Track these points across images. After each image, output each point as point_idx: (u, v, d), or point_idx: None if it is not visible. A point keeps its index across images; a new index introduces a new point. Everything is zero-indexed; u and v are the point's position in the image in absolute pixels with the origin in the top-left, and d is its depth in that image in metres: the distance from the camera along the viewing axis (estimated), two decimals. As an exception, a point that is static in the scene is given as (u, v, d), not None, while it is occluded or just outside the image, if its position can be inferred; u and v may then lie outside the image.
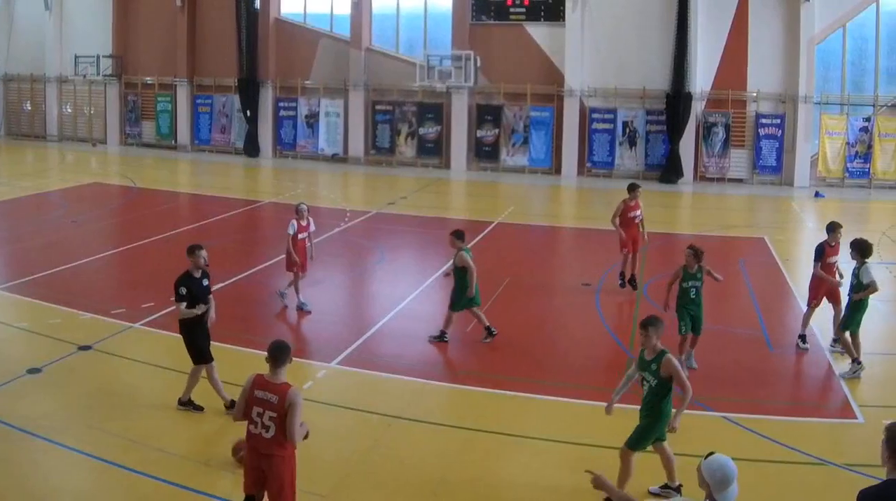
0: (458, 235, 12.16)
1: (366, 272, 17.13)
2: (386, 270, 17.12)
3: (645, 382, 7.81)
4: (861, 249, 11.29)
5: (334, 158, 31.63)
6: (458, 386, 10.67)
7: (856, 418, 9.94)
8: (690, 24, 28.93)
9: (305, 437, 6.50)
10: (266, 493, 6.53)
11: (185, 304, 9.20)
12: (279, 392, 6.34)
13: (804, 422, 9.83)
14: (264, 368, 6.59)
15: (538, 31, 30.24)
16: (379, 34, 31.42)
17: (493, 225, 21.31)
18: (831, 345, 12.30)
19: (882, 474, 7.71)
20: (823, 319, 12.62)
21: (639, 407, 7.90)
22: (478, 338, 12.27)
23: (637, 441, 7.71)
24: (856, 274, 11.35)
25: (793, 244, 21.07)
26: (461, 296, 11.93)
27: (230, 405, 9.12)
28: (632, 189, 15.36)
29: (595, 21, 29.78)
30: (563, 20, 29.71)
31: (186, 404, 9.45)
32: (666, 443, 7.90)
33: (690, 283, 11.54)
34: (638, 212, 15.39)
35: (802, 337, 12.35)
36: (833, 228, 12.35)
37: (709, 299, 16.22)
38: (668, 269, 17.62)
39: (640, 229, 15.54)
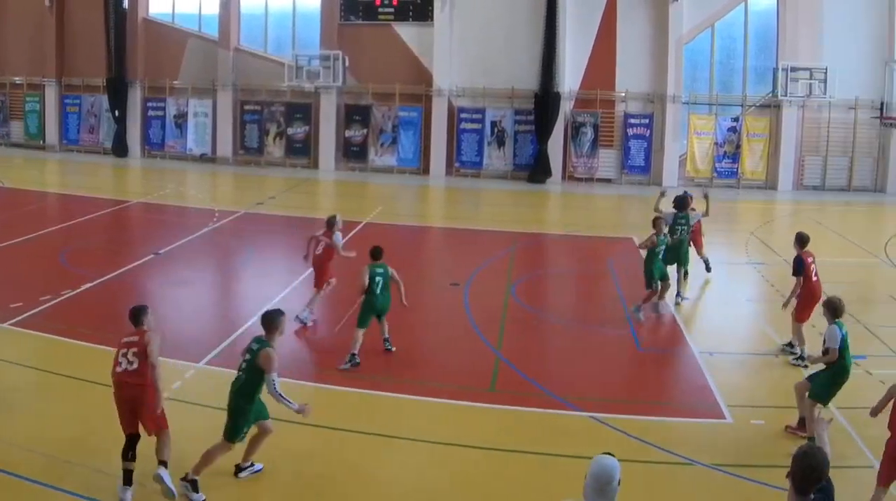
0: (373, 253, 11.42)
1: (234, 272, 17.09)
2: (254, 270, 17.00)
3: None
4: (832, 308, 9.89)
5: (203, 158, 31.20)
6: (328, 386, 10.55)
7: (724, 418, 9.85)
8: (559, 24, 28.89)
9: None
10: (141, 423, 7.63)
11: None
12: (140, 334, 7.87)
13: (672, 422, 9.76)
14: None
15: (407, 31, 30.05)
16: (247, 34, 31.10)
17: (361, 225, 21.07)
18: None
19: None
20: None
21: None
22: (346, 339, 11.99)
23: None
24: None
25: None
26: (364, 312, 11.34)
27: None
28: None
29: (463, 21, 29.64)
30: (432, 20, 29.57)
31: None
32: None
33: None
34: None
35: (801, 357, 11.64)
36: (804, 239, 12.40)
37: (577, 298, 16.37)
38: (536, 270, 18.32)
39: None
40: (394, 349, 11.57)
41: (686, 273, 14.88)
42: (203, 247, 18.13)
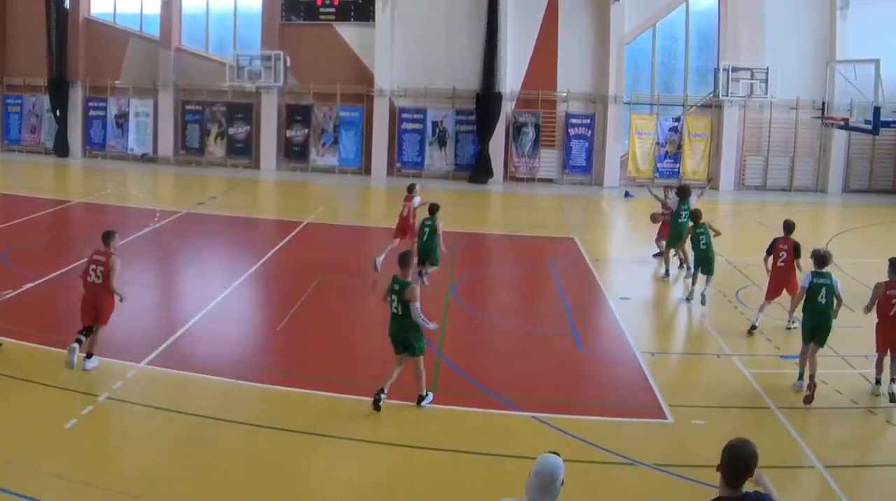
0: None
1: (175, 272, 17.01)
2: (195, 270, 16.96)
3: None
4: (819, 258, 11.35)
5: (144, 158, 31.00)
6: (268, 386, 10.46)
7: (665, 418, 9.84)
8: (500, 24, 28.82)
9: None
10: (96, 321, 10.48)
11: None
12: (107, 255, 10.50)
13: (614, 422, 9.75)
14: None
15: (348, 31, 29.94)
16: (188, 34, 30.92)
17: (302, 225, 21.03)
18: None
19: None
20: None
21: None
22: (289, 338, 12.30)
23: None
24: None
25: (602, 244, 21.08)
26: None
27: None
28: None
29: (405, 21, 29.56)
30: (373, 20, 29.45)
31: None
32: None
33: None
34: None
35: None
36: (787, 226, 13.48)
37: (519, 298, 16.29)
38: (478, 270, 18.32)
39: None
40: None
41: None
42: (144, 248, 17.94)
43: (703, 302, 14.31)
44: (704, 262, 14.50)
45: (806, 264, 11.91)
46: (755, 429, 9.35)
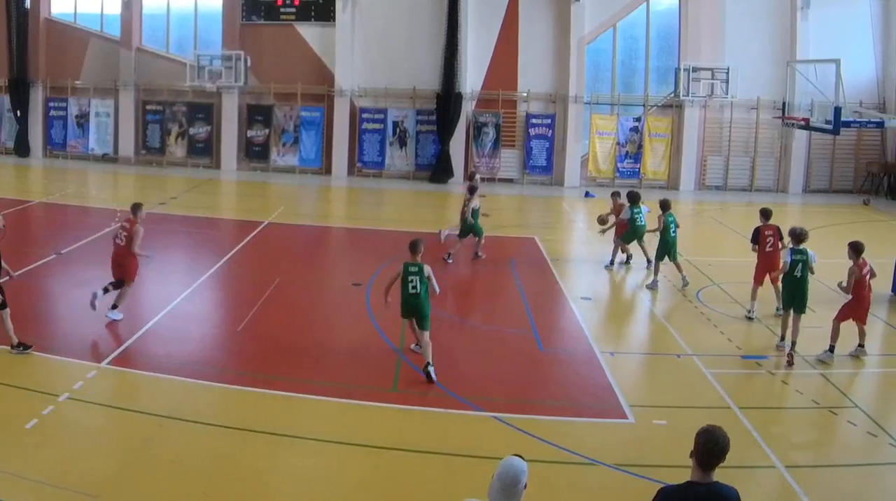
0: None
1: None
2: (156, 270, 16.70)
3: None
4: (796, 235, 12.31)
5: (105, 158, 30.88)
6: (229, 386, 10.47)
7: (626, 418, 9.87)
8: (461, 24, 28.79)
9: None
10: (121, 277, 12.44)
11: None
12: (131, 223, 12.57)
13: (576, 422, 9.79)
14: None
15: (309, 31, 29.87)
16: (149, 34, 30.82)
17: (263, 224, 20.97)
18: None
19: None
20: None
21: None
22: (249, 338, 12.32)
23: None
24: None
25: (562, 244, 21.07)
26: None
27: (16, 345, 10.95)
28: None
29: (365, 21, 29.50)
30: (334, 20, 29.37)
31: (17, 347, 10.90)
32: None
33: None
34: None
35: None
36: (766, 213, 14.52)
37: (480, 298, 16.31)
38: (437, 269, 17.16)
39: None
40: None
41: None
42: (105, 248, 17.38)
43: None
44: (669, 248, 15.84)
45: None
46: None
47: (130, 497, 7.70)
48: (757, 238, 14.12)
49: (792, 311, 11.99)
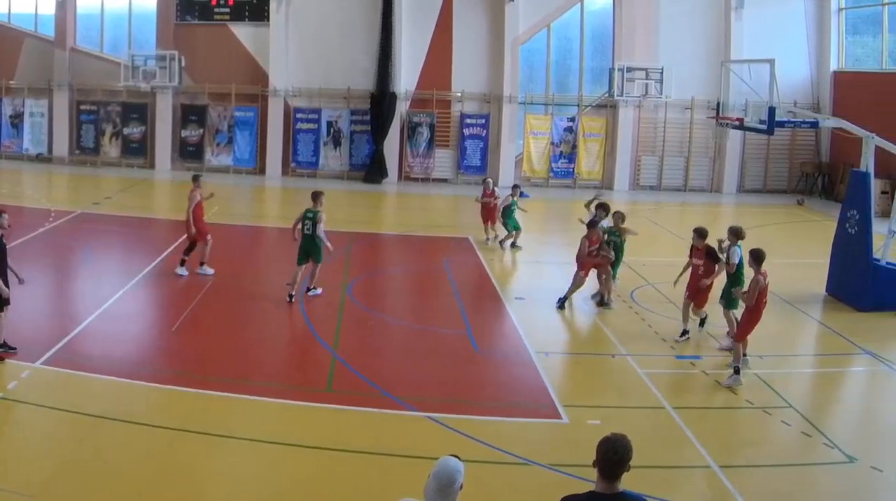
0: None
1: (70, 272, 16.82)
2: (90, 270, 16.77)
3: None
4: (737, 233, 12.60)
5: (39, 158, 30.67)
6: (164, 386, 10.44)
7: (560, 418, 9.92)
8: (395, 24, 28.75)
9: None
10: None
11: None
12: (192, 191, 15.41)
13: (509, 422, 9.81)
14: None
15: (243, 31, 29.75)
16: (84, 34, 30.62)
17: None
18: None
19: (588, 473, 7.30)
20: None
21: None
22: (184, 338, 12.34)
23: None
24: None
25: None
26: None
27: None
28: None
29: (300, 21, 29.41)
30: (268, 20, 29.26)
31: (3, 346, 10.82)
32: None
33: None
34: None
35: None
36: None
37: (414, 298, 16.27)
38: (371, 269, 18.19)
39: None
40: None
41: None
42: (39, 247, 17.67)
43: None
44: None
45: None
46: (650, 429, 9.45)
47: (67, 497, 7.69)
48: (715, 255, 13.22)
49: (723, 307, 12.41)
